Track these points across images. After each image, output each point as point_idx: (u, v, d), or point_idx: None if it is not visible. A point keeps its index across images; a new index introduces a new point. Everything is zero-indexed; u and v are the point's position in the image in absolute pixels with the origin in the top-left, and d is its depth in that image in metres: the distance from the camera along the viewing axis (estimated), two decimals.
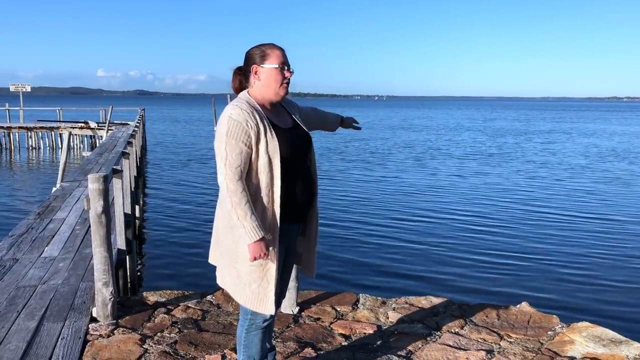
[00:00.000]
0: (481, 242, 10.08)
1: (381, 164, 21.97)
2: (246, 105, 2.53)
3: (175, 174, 18.85)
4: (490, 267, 8.63)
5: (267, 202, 2.53)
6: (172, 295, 4.59)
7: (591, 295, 7.55)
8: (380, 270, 8.52)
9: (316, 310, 4.30)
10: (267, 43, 2.65)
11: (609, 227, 11.27)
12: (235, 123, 2.46)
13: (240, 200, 2.44)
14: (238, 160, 2.45)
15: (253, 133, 2.47)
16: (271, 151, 2.49)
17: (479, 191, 15.62)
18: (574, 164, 22.32)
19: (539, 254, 9.36)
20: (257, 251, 2.47)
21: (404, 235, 10.55)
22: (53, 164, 22.27)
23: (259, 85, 2.61)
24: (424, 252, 9.41)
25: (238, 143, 2.45)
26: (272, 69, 2.58)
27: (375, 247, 9.74)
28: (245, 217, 2.44)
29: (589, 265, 8.77)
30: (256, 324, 2.73)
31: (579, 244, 9.96)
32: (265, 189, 2.51)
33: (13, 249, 5.83)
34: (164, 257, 9.16)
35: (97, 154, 15.93)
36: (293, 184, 2.59)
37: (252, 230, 2.44)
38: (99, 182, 3.97)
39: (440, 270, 8.49)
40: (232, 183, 2.44)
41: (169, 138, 35.90)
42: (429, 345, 3.73)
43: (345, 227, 10.99)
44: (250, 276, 2.58)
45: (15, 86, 31.36)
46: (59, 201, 8.60)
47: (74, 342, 3.62)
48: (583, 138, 38.27)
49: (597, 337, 3.78)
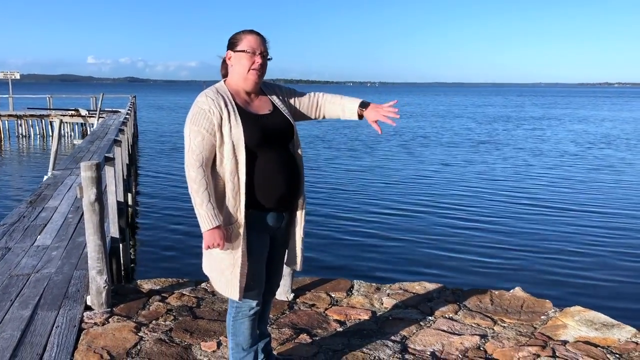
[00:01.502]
0: (475, 228, 10.13)
1: (370, 152, 21.94)
2: (214, 92, 2.54)
3: (167, 162, 18.78)
4: (484, 253, 8.69)
5: (232, 189, 2.51)
6: (166, 283, 4.58)
7: (583, 280, 7.62)
8: (374, 257, 8.55)
9: (311, 297, 4.31)
10: (245, 30, 2.62)
11: (601, 213, 11.35)
12: (199, 110, 2.49)
13: (199, 188, 2.45)
14: (200, 147, 2.46)
15: (216, 119, 2.47)
16: (235, 137, 2.47)
17: (471, 179, 15.67)
18: (564, 151, 22.43)
19: (532, 239, 9.42)
20: (210, 240, 2.48)
21: (397, 222, 10.58)
22: (44, 152, 22.10)
23: (232, 71, 2.62)
24: (418, 239, 9.44)
25: (200, 130, 2.46)
26: (240, 54, 2.56)
27: (368, 234, 9.77)
28: (202, 205, 2.45)
29: (581, 251, 8.84)
30: (242, 311, 2.73)
31: (572, 230, 10.03)
32: (229, 175, 2.49)
33: (5, 238, 5.79)
34: (157, 244, 9.15)
35: (89, 142, 15.82)
36: (267, 172, 2.55)
37: (206, 218, 2.45)
38: (92, 170, 3.94)
39: (434, 257, 8.54)
40: (192, 170, 2.46)
41: (160, 125, 35.69)
42: (424, 330, 3.75)
43: (338, 216, 10.99)
44: (222, 263, 2.59)
45: (4, 74, 30.96)
46: (50, 189, 8.55)
47: (69, 331, 3.61)
48: (576, 124, 38.42)
49: (590, 321, 3.82)
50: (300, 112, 2.86)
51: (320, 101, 2.87)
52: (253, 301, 2.70)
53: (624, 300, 6.89)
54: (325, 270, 7.60)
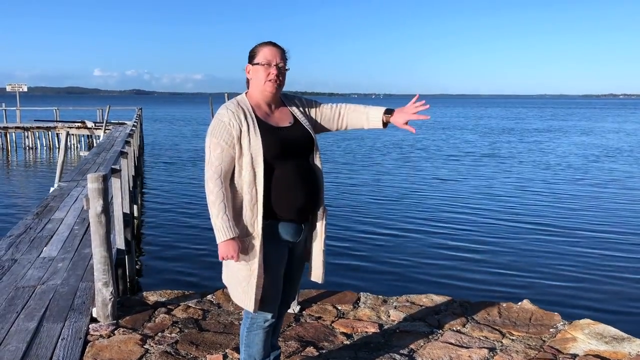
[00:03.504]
0: (481, 240, 10.07)
1: (379, 162, 21.95)
2: (234, 104, 2.57)
3: (173, 174, 18.81)
4: (491, 265, 8.63)
5: (250, 201, 2.53)
6: (172, 295, 4.57)
7: (592, 292, 7.54)
8: (380, 269, 8.50)
9: (317, 309, 4.29)
10: (264, 42, 2.65)
11: (609, 225, 11.27)
12: (219, 122, 2.52)
13: (216, 199, 2.47)
14: (219, 159, 2.49)
15: (235, 131, 2.49)
16: (254, 150, 2.49)
17: (478, 189, 15.62)
18: (572, 162, 22.35)
19: (539, 252, 9.35)
20: (225, 251, 2.49)
21: (404, 234, 10.54)
22: (50, 163, 22.19)
23: (251, 84, 2.65)
24: (425, 251, 9.39)
25: (219, 142, 2.49)
26: (257, 67, 2.60)
27: (375, 246, 9.73)
28: (218, 216, 2.47)
29: (589, 263, 8.77)
30: (257, 323, 2.73)
31: (580, 242, 9.96)
32: (247, 187, 2.51)
33: (11, 250, 5.80)
34: (162, 256, 9.13)
35: (95, 154, 15.89)
36: (286, 184, 2.56)
37: (221, 230, 2.47)
38: (99, 182, 3.95)
39: (441, 269, 8.48)
40: (211, 181, 2.49)
41: (166, 138, 35.83)
42: (431, 343, 3.71)
43: (344, 227, 10.97)
44: (239, 274, 2.60)
45: (12, 86, 31.22)
46: (57, 201, 8.56)
47: (74, 343, 3.59)
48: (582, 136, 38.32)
49: (599, 334, 3.78)
50: (321, 124, 2.85)
51: (342, 111, 2.85)
52: (268, 313, 2.69)
53: (634, 314, 6.82)
54: (332, 283, 7.56)
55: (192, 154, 25.20)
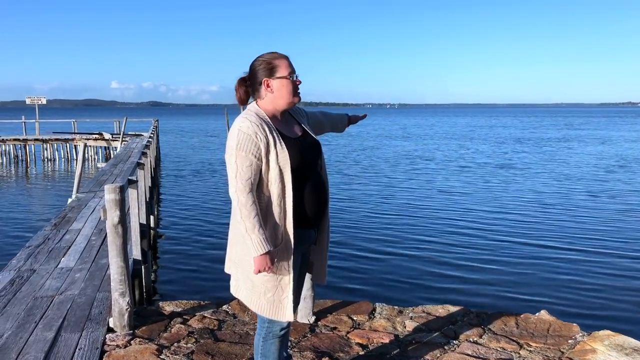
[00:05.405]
0: (497, 249, 9.98)
1: (391, 172, 21.90)
2: (255, 117, 2.55)
3: (189, 185, 18.93)
4: (507, 275, 8.54)
5: (279, 213, 2.55)
6: (188, 305, 4.59)
7: (613, 303, 7.42)
8: (396, 279, 8.45)
9: (332, 320, 4.28)
10: (269, 53, 2.64)
11: (629, 235, 11.11)
12: (245, 136, 2.49)
13: (250, 213, 2.46)
14: (248, 173, 2.48)
15: (262, 145, 2.50)
16: (282, 162, 2.51)
17: (495, 200, 15.50)
18: (588, 171, 22.10)
19: (556, 261, 9.24)
20: (262, 265, 2.50)
21: (420, 245, 10.47)
22: (68, 175, 22.47)
23: (271, 97, 2.62)
24: (440, 261, 9.33)
25: (248, 155, 2.48)
26: (283, 80, 2.60)
27: (390, 256, 9.68)
28: (253, 230, 2.46)
29: (609, 273, 8.63)
30: (273, 332, 2.74)
31: (599, 252, 9.82)
32: (276, 200, 2.54)
33: (30, 260, 5.87)
34: (178, 267, 9.17)
35: (112, 165, 16.06)
36: (305, 192, 2.61)
37: (258, 244, 2.46)
38: (116, 193, 3.99)
39: (457, 279, 8.41)
40: (242, 195, 2.48)
41: (183, 149, 36.10)
42: (448, 354, 3.68)
43: (359, 237, 10.94)
44: (265, 285, 2.60)
45: (31, 99, 31.72)
46: (74, 212, 8.66)
47: (92, 353, 3.62)
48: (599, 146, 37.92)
49: (620, 345, 3.71)
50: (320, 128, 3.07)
51: (322, 117, 3.12)
52: (285, 321, 2.70)
53: None
54: (347, 293, 7.54)
55: (208, 165, 25.35)
